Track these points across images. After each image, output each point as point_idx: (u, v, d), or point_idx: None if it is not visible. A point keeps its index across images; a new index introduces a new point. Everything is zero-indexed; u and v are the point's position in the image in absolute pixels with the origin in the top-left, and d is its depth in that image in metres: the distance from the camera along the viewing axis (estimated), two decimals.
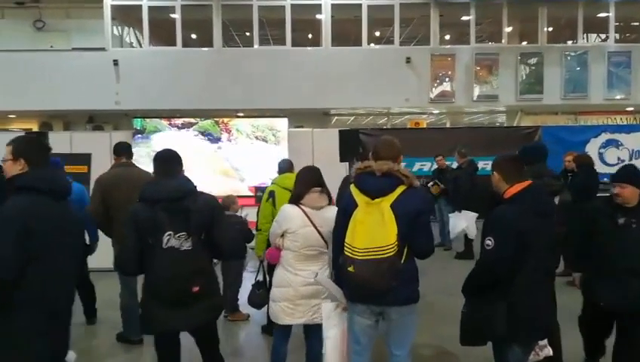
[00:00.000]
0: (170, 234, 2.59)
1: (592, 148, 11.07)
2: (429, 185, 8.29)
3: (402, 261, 2.56)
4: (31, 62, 12.53)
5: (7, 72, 12.29)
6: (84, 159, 9.67)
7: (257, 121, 11.38)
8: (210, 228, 2.72)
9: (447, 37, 14.60)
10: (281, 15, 12.98)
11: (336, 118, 15.79)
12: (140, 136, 11.51)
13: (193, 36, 14.51)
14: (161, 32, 14.05)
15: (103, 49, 12.62)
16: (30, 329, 2.16)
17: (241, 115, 13.18)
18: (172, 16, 13.06)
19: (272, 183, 4.46)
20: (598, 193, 6.85)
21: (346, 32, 14.34)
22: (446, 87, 13.50)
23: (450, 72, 13.41)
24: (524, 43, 14.56)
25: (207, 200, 2.81)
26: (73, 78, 12.30)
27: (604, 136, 11.28)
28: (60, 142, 10.92)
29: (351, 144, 9.47)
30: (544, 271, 2.75)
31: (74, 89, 12.24)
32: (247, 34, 13.87)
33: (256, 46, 13.24)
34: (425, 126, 14.74)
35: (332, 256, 2.96)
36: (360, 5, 13.02)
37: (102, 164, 11.84)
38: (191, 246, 2.62)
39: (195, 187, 2.81)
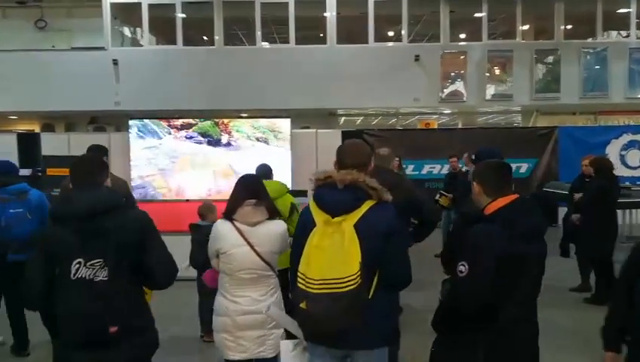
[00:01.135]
0: (79, 263, 2.08)
1: (613, 150, 10.47)
2: (437, 198, 7.75)
3: (370, 294, 2.07)
4: (32, 63, 12.28)
5: (9, 72, 12.05)
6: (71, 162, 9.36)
7: (258, 122, 10.95)
8: (138, 253, 2.19)
9: (458, 34, 13.99)
10: (285, 12, 12.53)
11: (343, 118, 15.30)
12: (138, 137, 11.18)
13: (194, 35, 14.14)
14: (163, 30, 13.72)
15: (102, 48, 12.31)
16: None
17: (245, 115, 12.78)
18: (173, 14, 12.69)
19: None
20: (618, 199, 6.31)
21: (352, 30, 13.84)
22: (457, 86, 12.92)
23: (461, 71, 12.83)
24: (540, 40, 13.90)
25: (135, 217, 2.27)
26: (73, 78, 12.02)
27: (626, 138, 10.66)
28: (58, 144, 10.71)
29: None
30: (527, 310, 2.25)
31: (74, 89, 11.97)
32: (252, 32, 13.48)
33: (258, 44, 12.82)
34: (436, 127, 14.19)
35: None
36: (366, 1, 12.50)
37: None
38: (107, 277, 2.08)
39: (121, 201, 2.28)
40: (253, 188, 2.85)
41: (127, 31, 14.00)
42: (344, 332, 2.02)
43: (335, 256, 2.02)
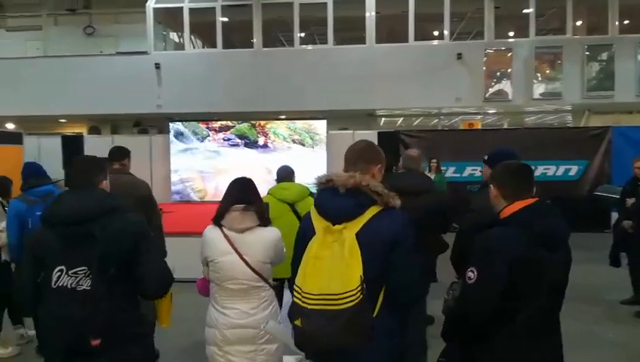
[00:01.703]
0: (61, 271, 1.98)
1: None
2: None
3: (375, 312, 1.87)
4: (80, 67, 12.70)
5: (59, 77, 12.51)
6: None
7: (294, 124, 10.90)
8: (129, 261, 2.05)
9: (503, 31, 13.42)
10: (324, 13, 12.41)
11: (383, 119, 15.01)
12: (178, 139, 11.37)
13: (234, 37, 14.27)
14: (204, 34, 13.93)
15: (145, 52, 12.60)
16: None
17: (283, 117, 12.76)
18: (213, 18, 12.83)
19: (267, 194, 3.90)
20: None
21: (391, 29, 13.57)
22: (502, 84, 12.40)
23: (507, 69, 12.29)
24: (592, 35, 13.14)
25: (127, 224, 2.11)
26: (118, 82, 12.35)
27: None
28: (101, 146, 10.99)
29: (390, 147, 8.72)
30: (546, 322, 2.03)
31: (119, 93, 12.30)
32: (291, 34, 13.46)
33: (297, 46, 12.76)
34: (480, 127, 13.67)
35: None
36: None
37: (141, 168, 11.91)
38: (90, 286, 1.96)
39: (117, 205, 2.13)
40: (242, 192, 2.66)
41: (170, 35, 14.29)
42: (343, 353, 1.83)
43: (334, 268, 1.82)
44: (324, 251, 1.86)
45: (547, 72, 12.35)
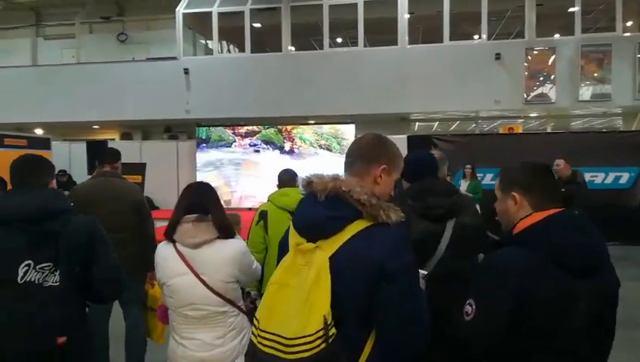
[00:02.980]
0: (28, 265, 1.94)
1: None
2: None
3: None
4: (112, 74, 12.77)
5: (93, 84, 12.60)
6: (139, 169, 9.51)
7: (321, 128, 10.54)
8: (86, 261, 2.03)
9: (546, 29, 12.61)
10: (354, 15, 12.00)
11: (417, 123, 14.42)
12: (204, 145, 11.21)
13: (264, 41, 14.07)
14: (233, 38, 13.79)
15: (174, 58, 12.53)
16: None
17: (312, 122, 12.41)
18: (242, 22, 12.66)
19: (267, 200, 3.51)
20: None
21: (426, 30, 13.02)
22: (545, 86, 11.61)
23: (549, 69, 11.51)
24: None
25: (84, 222, 2.08)
26: (148, 88, 12.34)
27: None
28: (130, 151, 10.98)
29: None
30: None
31: (149, 99, 12.28)
32: (321, 37, 13.13)
33: (326, 49, 12.39)
34: (520, 131, 12.89)
35: None
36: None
37: (168, 172, 11.85)
38: (58, 282, 1.95)
39: (69, 205, 2.11)
40: (195, 198, 2.25)
41: (200, 40, 14.24)
42: None
43: (296, 302, 1.37)
44: (291, 277, 1.43)
45: (594, 72, 11.48)
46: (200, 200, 2.24)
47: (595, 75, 11.45)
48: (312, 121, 12.49)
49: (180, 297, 2.17)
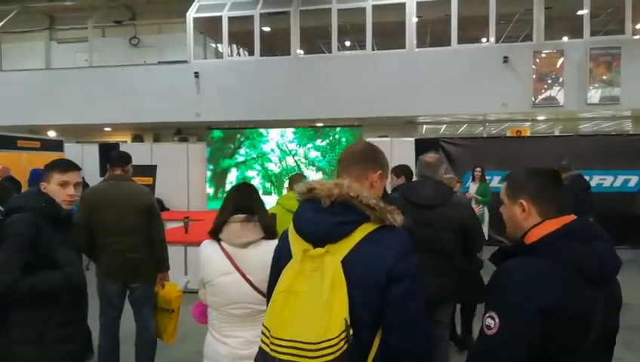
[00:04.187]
0: None
1: None
2: None
3: None
4: (124, 77, 12.98)
5: (105, 86, 12.83)
6: (150, 171, 9.66)
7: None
8: None
9: (554, 32, 12.60)
10: (363, 19, 12.09)
11: (425, 127, 14.46)
12: (214, 148, 11.35)
13: (273, 45, 14.20)
14: (243, 42, 13.94)
15: (185, 61, 12.71)
16: None
17: (320, 124, 12.51)
18: (252, 26, 12.80)
19: (276, 204, 3.61)
20: None
21: (434, 33, 13.07)
22: (553, 89, 11.61)
23: (558, 72, 11.51)
24: None
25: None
26: (159, 91, 12.51)
27: None
28: (141, 153, 11.17)
29: None
30: None
31: (160, 102, 12.45)
32: (330, 41, 13.23)
33: (334, 52, 12.49)
34: (528, 134, 12.88)
35: None
36: (449, 1, 11.67)
37: (179, 174, 12.02)
38: None
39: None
40: (242, 200, 2.28)
41: (210, 44, 14.41)
42: None
43: (313, 307, 1.40)
44: (301, 283, 1.45)
45: (603, 75, 11.46)
46: (247, 201, 2.28)
47: (604, 77, 11.43)
48: (321, 124, 12.60)
49: (225, 296, 2.21)
